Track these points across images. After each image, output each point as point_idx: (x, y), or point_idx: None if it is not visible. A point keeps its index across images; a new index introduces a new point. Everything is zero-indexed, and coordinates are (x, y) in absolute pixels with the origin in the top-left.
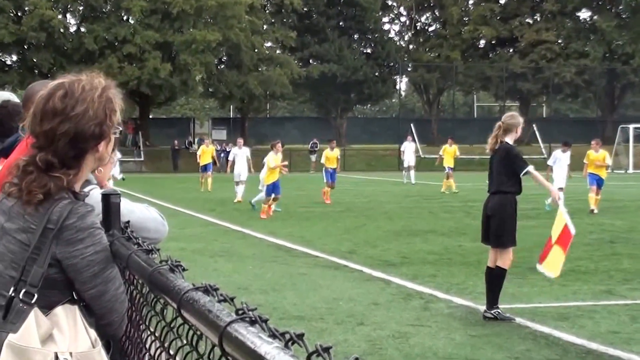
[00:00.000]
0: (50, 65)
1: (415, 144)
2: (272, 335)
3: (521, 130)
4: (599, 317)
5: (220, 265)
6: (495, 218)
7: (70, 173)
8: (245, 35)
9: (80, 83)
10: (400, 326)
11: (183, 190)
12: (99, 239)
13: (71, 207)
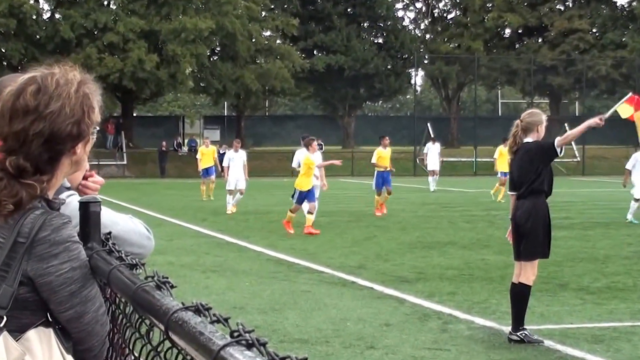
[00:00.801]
0: (20, 57)
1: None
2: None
3: (544, 130)
4: (637, 339)
5: (213, 282)
6: (522, 226)
7: (44, 179)
8: (241, 22)
9: (54, 77)
10: (415, 350)
11: (171, 198)
12: (76, 253)
13: (45, 218)
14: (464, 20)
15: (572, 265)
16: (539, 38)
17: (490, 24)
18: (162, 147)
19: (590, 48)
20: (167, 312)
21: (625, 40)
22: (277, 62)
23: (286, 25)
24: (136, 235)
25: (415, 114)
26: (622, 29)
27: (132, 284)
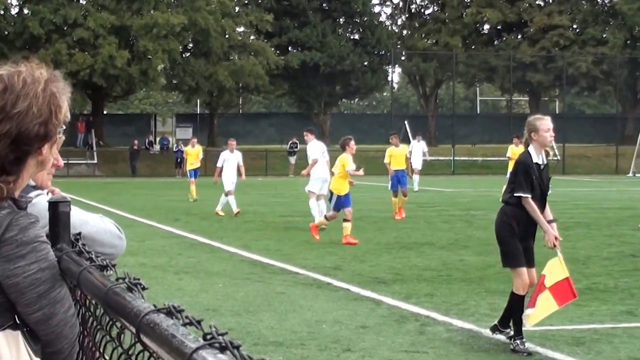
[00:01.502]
0: None
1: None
2: None
3: (543, 137)
4: (618, 341)
5: (186, 284)
6: (496, 234)
7: (10, 180)
8: (214, 18)
9: (21, 75)
10: (392, 353)
11: (143, 197)
12: (45, 254)
13: (11, 218)
14: (442, 16)
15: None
16: (518, 34)
17: (469, 19)
18: (133, 146)
19: (571, 44)
20: (139, 314)
21: (606, 36)
22: (251, 59)
23: (260, 21)
24: (107, 235)
25: (392, 111)
26: (603, 25)
27: (103, 285)
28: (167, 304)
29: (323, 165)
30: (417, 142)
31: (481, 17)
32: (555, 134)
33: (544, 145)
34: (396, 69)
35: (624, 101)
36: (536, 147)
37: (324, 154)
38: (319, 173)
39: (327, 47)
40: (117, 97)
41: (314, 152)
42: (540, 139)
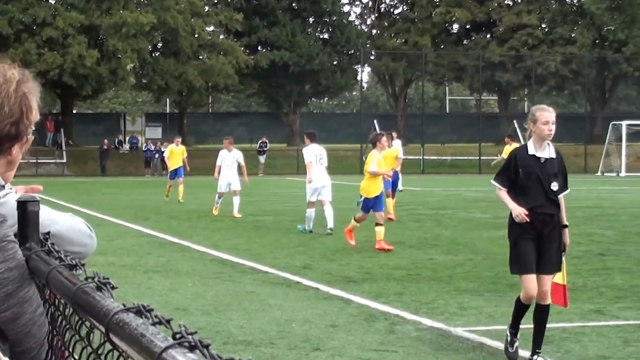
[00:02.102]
0: None
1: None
2: None
3: (540, 129)
4: (587, 340)
5: (155, 283)
6: None
7: None
8: (183, 17)
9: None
10: (362, 352)
11: (112, 197)
12: (12, 253)
13: None
14: (411, 16)
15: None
16: (487, 34)
17: (438, 19)
18: (103, 145)
19: (539, 44)
20: (108, 313)
21: (574, 36)
22: (221, 58)
23: (230, 21)
24: (77, 234)
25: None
26: (572, 25)
27: (72, 285)
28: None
29: (318, 171)
30: (395, 141)
31: (450, 16)
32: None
33: (542, 139)
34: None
35: (593, 101)
36: (535, 139)
37: (321, 159)
38: (315, 179)
39: (296, 47)
40: (86, 96)
41: (307, 157)
42: (537, 130)
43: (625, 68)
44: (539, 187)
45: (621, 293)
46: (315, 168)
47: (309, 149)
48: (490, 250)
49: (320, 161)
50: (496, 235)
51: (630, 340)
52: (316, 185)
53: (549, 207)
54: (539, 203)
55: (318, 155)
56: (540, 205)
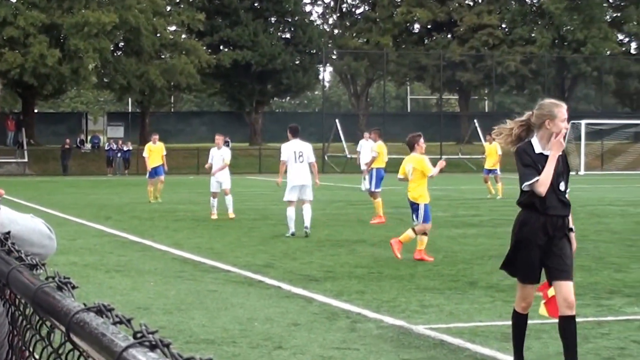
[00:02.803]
0: None
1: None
2: None
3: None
4: (547, 337)
5: (117, 282)
6: None
7: None
8: (145, 17)
9: None
10: (323, 350)
11: (74, 196)
12: None
13: None
14: (373, 15)
15: (482, 263)
16: (448, 33)
17: (399, 19)
18: (64, 145)
19: (500, 44)
20: (68, 313)
21: (534, 35)
22: (183, 58)
23: (192, 20)
24: (37, 235)
25: (324, 110)
26: (531, 25)
27: (32, 284)
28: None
29: (297, 169)
30: (365, 141)
31: (411, 16)
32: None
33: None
34: (327, 68)
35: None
36: (542, 136)
37: (301, 156)
38: (292, 178)
39: (258, 46)
40: (48, 95)
41: (283, 154)
42: (555, 128)
43: (584, 68)
44: (549, 188)
45: (580, 290)
46: (293, 166)
47: (287, 145)
48: (450, 248)
49: (300, 158)
50: (456, 234)
51: (589, 336)
52: (294, 184)
53: (560, 209)
54: (551, 205)
55: (297, 152)
56: (553, 207)
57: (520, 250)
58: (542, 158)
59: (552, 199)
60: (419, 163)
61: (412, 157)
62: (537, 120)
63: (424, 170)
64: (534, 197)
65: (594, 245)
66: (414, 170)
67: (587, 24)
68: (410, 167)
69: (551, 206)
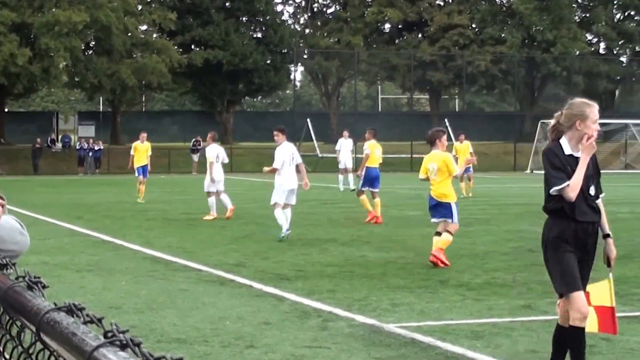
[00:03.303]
0: None
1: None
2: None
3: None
4: (517, 334)
5: (88, 282)
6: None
7: None
8: (116, 16)
9: None
10: (295, 348)
11: (45, 195)
12: None
13: None
14: (344, 15)
15: (453, 262)
16: (418, 33)
17: (370, 18)
18: (35, 144)
19: (470, 43)
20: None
21: (504, 36)
22: (154, 57)
23: (163, 20)
24: (8, 231)
25: (295, 109)
26: (501, 25)
27: (3, 284)
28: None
29: (290, 173)
30: (345, 140)
31: (382, 16)
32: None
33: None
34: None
35: (522, 99)
36: (573, 137)
37: (294, 159)
38: (286, 182)
39: (230, 46)
40: (18, 94)
41: (279, 158)
42: (586, 129)
43: (553, 68)
44: (579, 193)
45: (550, 288)
46: (287, 170)
47: (283, 149)
48: (421, 247)
49: (293, 161)
50: (427, 233)
51: None
52: (288, 187)
53: (591, 214)
54: (581, 210)
55: (290, 154)
56: (583, 212)
57: (561, 261)
58: (572, 160)
59: (581, 204)
60: (443, 162)
61: (435, 156)
62: (567, 121)
63: (449, 169)
64: (562, 202)
65: None
66: (438, 170)
67: (556, 24)
68: (434, 166)
69: (581, 212)
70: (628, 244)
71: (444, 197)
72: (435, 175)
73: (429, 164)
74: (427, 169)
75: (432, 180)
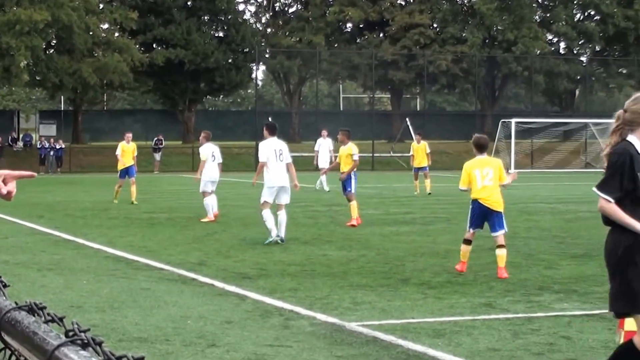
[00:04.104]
0: None
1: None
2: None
3: None
4: (477, 333)
5: (49, 281)
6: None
7: None
8: (78, 15)
9: None
10: (257, 347)
11: None
12: None
13: None
14: (305, 14)
15: (414, 260)
16: (380, 33)
17: (332, 18)
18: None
19: (431, 43)
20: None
21: (465, 35)
22: (116, 56)
23: (125, 19)
24: None
25: (257, 108)
26: (462, 24)
27: None
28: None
29: (278, 169)
30: (323, 140)
31: (344, 15)
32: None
33: None
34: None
35: (483, 99)
36: None
37: (282, 155)
38: (273, 178)
39: (191, 45)
40: None
41: (262, 154)
42: None
43: (514, 67)
44: None
45: (510, 287)
46: (275, 165)
47: (267, 143)
48: (382, 246)
49: (280, 157)
50: (388, 231)
51: (519, 332)
52: (274, 184)
53: None
54: None
55: (278, 150)
56: None
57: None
58: None
59: None
60: (498, 168)
61: (489, 161)
62: (635, 117)
63: (501, 176)
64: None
65: (524, 242)
66: (494, 176)
67: (517, 24)
68: (489, 171)
69: None
70: (587, 242)
71: (499, 205)
72: (491, 181)
73: (485, 169)
74: (473, 173)
75: (483, 188)
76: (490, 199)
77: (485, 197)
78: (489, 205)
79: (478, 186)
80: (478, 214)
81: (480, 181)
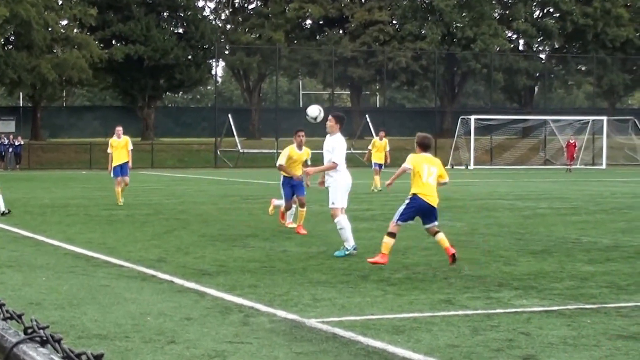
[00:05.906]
0: None
1: None
2: (66, 357)
3: None
4: (437, 329)
5: (8, 278)
6: None
7: None
8: (36, 11)
9: None
10: (216, 344)
11: None
12: None
13: None
14: (265, 11)
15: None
16: (339, 29)
17: (292, 14)
18: None
19: (390, 40)
20: None
21: (424, 32)
22: (75, 52)
23: (84, 15)
24: None
25: (216, 105)
26: (421, 21)
27: None
28: None
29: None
30: None
31: (304, 12)
32: None
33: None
34: (220, 63)
35: (442, 95)
36: None
37: None
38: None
39: (151, 41)
40: None
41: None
42: None
43: (473, 64)
44: None
45: (470, 283)
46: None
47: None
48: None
49: None
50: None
51: (479, 329)
52: (349, 185)
53: None
54: None
55: None
56: None
57: None
58: None
59: None
60: (442, 168)
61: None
62: None
63: (444, 176)
64: None
65: (483, 238)
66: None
67: (476, 21)
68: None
69: None
70: (546, 239)
71: (435, 202)
72: (434, 181)
73: (431, 167)
74: (421, 169)
75: (427, 185)
76: (431, 195)
77: (427, 193)
78: (428, 200)
79: (422, 181)
80: (416, 207)
81: (425, 177)
